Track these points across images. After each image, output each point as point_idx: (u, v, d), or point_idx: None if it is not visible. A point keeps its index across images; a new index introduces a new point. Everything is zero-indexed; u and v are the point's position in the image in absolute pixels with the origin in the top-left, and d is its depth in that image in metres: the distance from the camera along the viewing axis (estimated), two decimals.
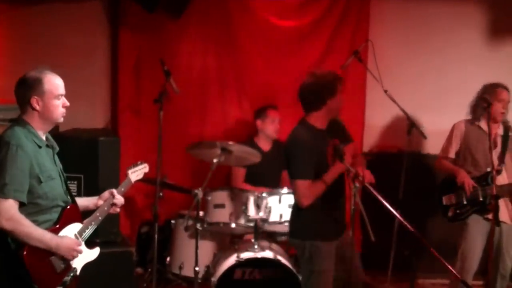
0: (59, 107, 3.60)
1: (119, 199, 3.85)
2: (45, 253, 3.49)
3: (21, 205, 3.46)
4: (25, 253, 3.41)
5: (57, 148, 3.75)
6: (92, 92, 6.08)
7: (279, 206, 5.11)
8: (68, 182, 3.81)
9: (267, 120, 5.87)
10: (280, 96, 6.23)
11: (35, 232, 3.44)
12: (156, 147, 5.31)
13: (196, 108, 6.21)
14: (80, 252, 3.63)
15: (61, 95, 3.61)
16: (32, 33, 5.87)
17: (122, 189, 3.93)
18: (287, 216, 4.97)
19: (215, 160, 5.03)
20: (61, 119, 3.65)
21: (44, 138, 3.65)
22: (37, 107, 3.56)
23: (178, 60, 6.07)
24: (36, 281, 3.44)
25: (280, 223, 5.10)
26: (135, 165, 4.06)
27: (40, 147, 3.57)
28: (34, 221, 3.49)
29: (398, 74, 6.29)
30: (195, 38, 6.16)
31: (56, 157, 3.72)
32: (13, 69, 5.43)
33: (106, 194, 3.87)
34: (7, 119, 5.05)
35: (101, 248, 3.85)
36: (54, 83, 3.58)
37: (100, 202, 3.85)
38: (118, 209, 3.88)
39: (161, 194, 5.27)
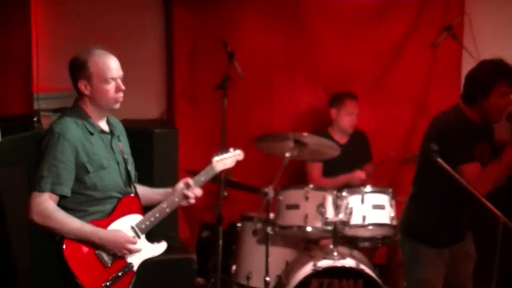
0: (110, 91, 3.58)
1: (196, 191, 3.80)
2: (90, 247, 3.50)
3: (63, 197, 3.49)
4: (64, 246, 3.44)
5: (118, 134, 3.74)
6: (144, 78, 6.06)
7: (362, 207, 4.98)
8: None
9: (344, 110, 5.74)
10: (356, 80, 6.18)
11: (70, 226, 3.45)
12: (218, 139, 5.31)
13: (262, 95, 6.19)
14: (133, 249, 3.59)
15: (112, 78, 3.58)
16: (75, 12, 5.87)
17: (202, 179, 3.88)
18: (370, 218, 4.91)
19: (287, 154, 4.96)
20: (116, 105, 3.63)
21: (101, 123, 3.65)
22: (86, 92, 3.58)
23: (240, 41, 6.05)
24: (78, 276, 3.45)
25: (363, 226, 4.99)
26: (224, 152, 4.03)
27: (91, 133, 3.57)
28: (83, 211, 3.52)
29: (499, 53, 5.99)
30: (259, 15, 6.12)
31: (115, 143, 3.70)
32: (55, 53, 5.45)
33: (180, 184, 3.84)
34: (51, 109, 5.06)
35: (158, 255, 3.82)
36: (103, 64, 3.56)
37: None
38: (191, 201, 3.82)
39: (225, 193, 5.24)
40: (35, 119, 4.88)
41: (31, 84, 4.89)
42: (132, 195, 3.69)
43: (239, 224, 5.39)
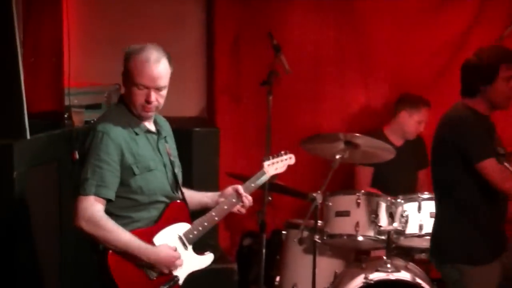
0: (137, 96, 3.54)
1: (247, 198, 3.80)
2: (135, 260, 3.49)
3: (109, 201, 3.49)
4: (109, 257, 3.44)
5: (165, 134, 3.74)
6: (183, 73, 6.01)
7: (419, 215, 4.94)
8: None
9: (417, 117, 5.77)
10: (413, 78, 6.13)
11: (117, 239, 3.44)
12: (262, 140, 5.28)
13: (310, 92, 6.16)
14: (179, 265, 3.59)
15: (144, 86, 3.52)
16: (110, 3, 5.93)
17: (252, 185, 3.89)
18: (428, 227, 4.79)
19: (337, 157, 4.95)
20: (144, 114, 3.57)
21: (146, 123, 3.63)
22: (123, 90, 3.62)
23: (288, 33, 6.04)
24: None
25: (420, 236, 4.94)
26: (276, 155, 4.04)
27: (137, 133, 3.57)
28: (128, 218, 3.51)
29: None
30: (309, 5, 6.11)
31: (162, 144, 3.70)
32: (88, 46, 5.50)
33: (229, 190, 3.84)
34: (83, 105, 5.09)
35: None
36: (138, 67, 3.51)
37: (222, 200, 3.80)
38: (243, 210, 3.83)
39: (269, 198, 5.20)
40: (65, 116, 4.91)
41: (61, 79, 4.91)
42: (180, 201, 3.68)
43: (283, 232, 5.35)
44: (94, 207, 3.41)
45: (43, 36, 4.94)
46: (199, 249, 3.75)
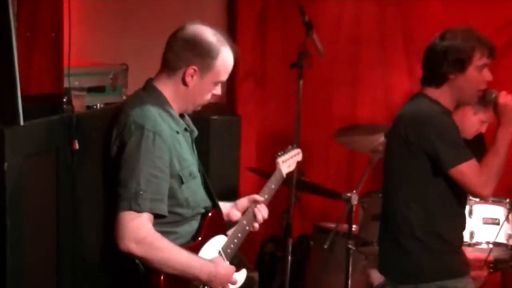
0: (210, 93, 3.48)
1: (262, 211, 3.76)
2: (186, 282, 3.38)
3: (158, 216, 3.33)
4: (162, 283, 3.29)
5: (196, 132, 3.63)
6: None
7: (469, 221, 4.87)
8: None
9: (481, 116, 5.59)
10: None
11: (176, 258, 3.31)
12: (289, 130, 5.33)
13: (347, 78, 6.23)
14: (235, 282, 3.54)
15: (223, 82, 3.51)
16: None
17: (273, 186, 3.84)
18: (480, 235, 4.88)
19: (376, 151, 4.99)
20: (198, 108, 3.54)
21: (180, 119, 3.51)
22: (189, 82, 3.40)
23: (321, 8, 6.12)
24: None
25: (470, 245, 4.93)
26: (286, 150, 4.00)
27: (177, 132, 3.42)
28: (173, 233, 3.38)
29: None
30: None
31: (194, 144, 3.60)
32: (91, 22, 5.54)
33: (244, 201, 3.76)
34: (85, 88, 5.11)
35: None
36: (227, 65, 3.47)
37: (236, 213, 3.73)
38: (257, 226, 3.78)
39: (296, 198, 5.21)
40: (65, 100, 4.93)
41: (61, 57, 4.93)
42: (215, 209, 3.58)
43: (312, 237, 5.42)
44: (147, 226, 3.25)
45: (40, 7, 4.95)
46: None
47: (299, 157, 4.07)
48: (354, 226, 5.09)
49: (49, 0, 4.99)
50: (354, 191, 4.92)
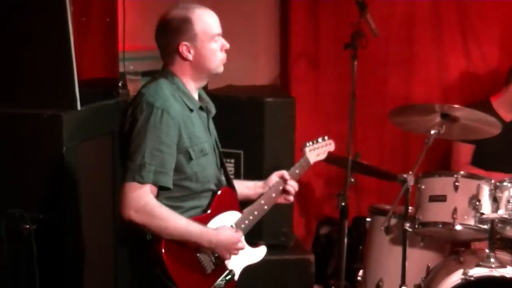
0: (217, 51, 3.67)
1: (292, 185, 3.96)
2: (191, 249, 3.58)
3: (164, 189, 3.55)
4: (163, 250, 3.50)
5: (214, 111, 3.84)
6: (253, 35, 6.17)
7: None
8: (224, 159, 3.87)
9: None
10: None
11: (174, 226, 3.52)
12: (344, 111, 5.32)
13: (401, 57, 6.20)
14: (242, 248, 3.70)
15: (218, 34, 3.67)
16: None
17: (297, 171, 4.05)
18: None
19: (432, 132, 4.89)
20: (221, 69, 3.71)
21: (196, 97, 3.72)
22: (189, 56, 3.63)
23: None
24: (179, 284, 3.52)
25: None
26: (315, 141, 4.19)
27: (191, 110, 3.64)
28: (179, 208, 3.58)
29: None
30: None
31: (211, 123, 3.80)
32: (145, 5, 5.60)
33: (274, 177, 3.98)
34: (140, 72, 5.19)
35: (267, 255, 3.96)
36: (208, 20, 3.65)
37: (266, 189, 3.94)
38: (291, 198, 4.01)
39: (352, 179, 5.19)
40: (120, 84, 5.00)
41: (116, 42, 5.00)
42: (228, 187, 3.79)
43: (368, 219, 5.35)
44: (148, 196, 3.46)
45: None
46: (260, 238, 3.88)
47: (331, 148, 4.25)
48: (410, 207, 5.05)
49: None
50: (410, 172, 4.84)
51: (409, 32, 6.18)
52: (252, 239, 3.89)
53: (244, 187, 3.98)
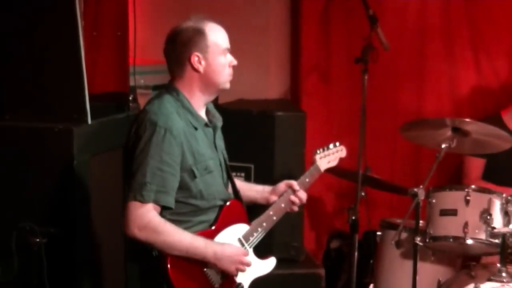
0: (226, 66, 3.71)
1: (301, 195, 3.97)
2: (197, 264, 3.59)
3: (166, 208, 3.57)
4: (168, 265, 3.52)
5: (220, 124, 3.86)
6: (264, 49, 6.17)
7: None
8: (234, 174, 3.88)
9: None
10: None
11: (179, 241, 3.54)
12: (354, 125, 5.31)
13: (412, 72, 6.19)
14: (248, 264, 3.70)
15: (228, 49, 3.72)
16: None
17: (307, 180, 4.06)
18: None
19: (443, 146, 4.88)
20: (228, 85, 3.75)
21: (203, 113, 3.74)
22: (200, 68, 3.65)
23: (384, 3, 6.07)
24: None
25: None
26: (326, 148, 4.19)
27: (196, 128, 3.65)
28: (186, 222, 3.62)
29: None
30: None
31: (218, 138, 3.83)
32: (156, 19, 5.66)
33: (282, 186, 4.00)
34: (151, 86, 5.21)
35: (277, 269, 3.98)
36: (219, 34, 3.69)
37: (274, 198, 3.96)
38: (295, 208, 4.00)
39: (363, 193, 5.20)
40: (130, 98, 5.02)
41: (127, 56, 5.02)
42: (235, 200, 3.81)
43: (378, 233, 5.32)
44: (150, 213, 3.49)
45: (106, 6, 5.03)
46: (270, 252, 3.87)
47: (342, 154, 4.26)
48: (421, 221, 5.03)
49: (114, 0, 5.09)
50: (421, 186, 4.82)
51: (420, 46, 6.16)
52: (262, 253, 3.91)
53: (253, 190, 4.02)
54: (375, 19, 5.35)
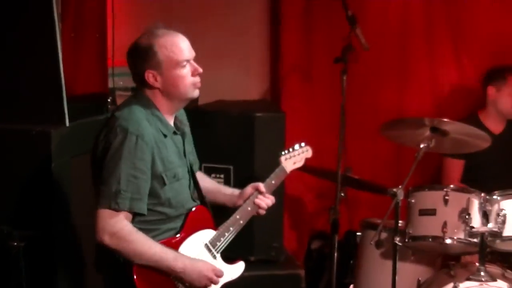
0: (186, 77, 3.66)
1: (267, 197, 3.95)
2: (163, 274, 3.57)
3: (139, 214, 3.57)
4: (134, 275, 3.52)
5: (188, 131, 3.85)
6: (243, 49, 6.17)
7: None
8: (213, 176, 3.89)
9: (506, 89, 5.74)
10: None
11: (149, 252, 3.53)
12: (335, 126, 5.27)
13: (393, 71, 6.20)
14: (216, 282, 3.68)
15: (186, 60, 3.65)
16: None
17: (273, 182, 4.05)
18: None
19: (422, 145, 4.91)
20: (196, 93, 3.71)
21: (172, 122, 3.72)
22: (156, 84, 3.63)
23: (366, 3, 6.09)
24: None
25: None
26: (292, 149, 4.18)
27: (165, 136, 3.65)
28: (155, 230, 3.61)
29: None
30: None
31: (187, 144, 3.82)
32: (134, 20, 5.66)
33: (249, 189, 3.99)
34: (130, 87, 5.22)
35: (257, 270, 4.07)
36: (172, 47, 3.62)
37: (241, 201, 3.96)
38: (261, 212, 3.98)
39: (342, 194, 5.21)
40: (109, 100, 5.03)
41: (105, 57, 5.03)
42: (201, 205, 3.80)
43: (359, 233, 5.37)
44: (123, 222, 3.49)
45: (84, 8, 5.02)
46: (251, 253, 3.86)
47: (308, 154, 4.24)
48: (401, 221, 5.01)
49: (93, 1, 5.08)
50: (400, 186, 4.84)
51: (401, 46, 6.18)
52: (243, 254, 3.93)
53: (221, 193, 4.01)
54: (354, 20, 5.33)
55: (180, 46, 3.62)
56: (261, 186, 3.95)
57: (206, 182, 4.02)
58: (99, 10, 5.06)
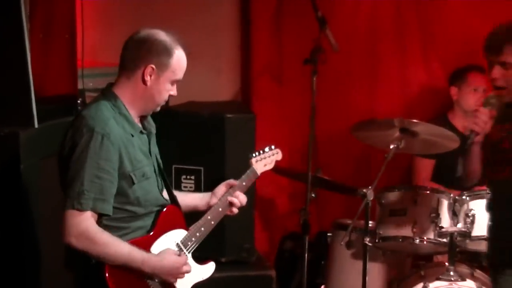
0: (167, 93, 3.69)
1: (240, 197, 3.94)
2: (136, 272, 3.57)
3: (104, 215, 3.55)
4: (107, 274, 3.51)
5: (154, 131, 3.83)
6: (214, 51, 6.14)
7: (487, 215, 4.75)
8: (184, 177, 3.88)
9: (467, 87, 5.79)
10: None
11: (115, 252, 3.52)
12: (305, 127, 5.30)
13: (363, 72, 6.22)
14: (187, 271, 3.70)
15: (178, 81, 3.70)
16: None
17: (244, 184, 4.04)
18: None
19: (392, 146, 4.96)
20: (158, 108, 3.73)
21: (138, 121, 3.71)
22: (148, 80, 3.61)
23: (336, 4, 6.09)
24: None
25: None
26: (262, 151, 4.18)
27: (132, 135, 3.64)
28: (124, 228, 3.60)
29: None
30: None
31: (153, 144, 3.80)
32: (104, 21, 5.61)
33: (221, 188, 3.98)
34: (100, 88, 5.19)
35: (228, 271, 4.03)
36: (181, 63, 3.66)
37: (214, 200, 3.94)
38: (235, 210, 3.98)
39: (313, 195, 5.23)
40: (79, 101, 5.01)
41: (75, 58, 5.00)
42: (172, 205, 3.80)
43: (329, 234, 5.39)
44: (87, 222, 3.47)
45: (53, 8, 4.99)
46: (222, 254, 3.86)
47: (278, 157, 4.22)
48: (371, 222, 5.05)
49: (62, 2, 5.05)
50: (370, 187, 4.89)
51: (372, 47, 6.19)
52: (214, 255, 3.93)
53: (191, 198, 3.99)
54: (324, 21, 5.35)
55: (184, 67, 3.67)
56: (234, 181, 3.96)
57: (177, 193, 3.99)
58: (68, 11, 5.02)
